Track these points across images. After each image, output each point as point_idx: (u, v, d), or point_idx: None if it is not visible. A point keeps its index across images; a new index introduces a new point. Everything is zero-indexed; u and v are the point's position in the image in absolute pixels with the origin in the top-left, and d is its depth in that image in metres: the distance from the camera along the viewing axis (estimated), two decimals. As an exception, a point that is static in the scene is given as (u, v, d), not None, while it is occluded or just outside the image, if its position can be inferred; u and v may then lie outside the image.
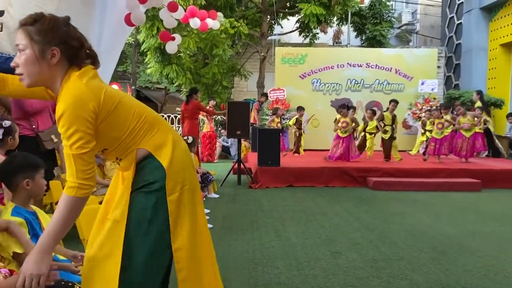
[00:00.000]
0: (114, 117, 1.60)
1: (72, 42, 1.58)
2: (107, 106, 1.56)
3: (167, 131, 1.75)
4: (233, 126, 7.46)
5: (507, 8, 12.30)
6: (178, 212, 1.68)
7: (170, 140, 1.71)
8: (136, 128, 1.65)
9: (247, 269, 3.21)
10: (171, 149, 1.69)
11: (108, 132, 1.61)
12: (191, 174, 1.77)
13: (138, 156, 1.67)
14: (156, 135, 1.70)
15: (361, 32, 15.98)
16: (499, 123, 12.27)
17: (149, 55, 12.16)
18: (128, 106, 1.65)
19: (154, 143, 1.68)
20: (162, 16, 7.68)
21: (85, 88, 1.53)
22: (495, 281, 3.03)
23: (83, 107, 1.50)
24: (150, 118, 1.70)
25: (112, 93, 1.61)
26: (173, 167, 1.67)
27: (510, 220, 4.99)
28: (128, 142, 1.66)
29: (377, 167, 7.71)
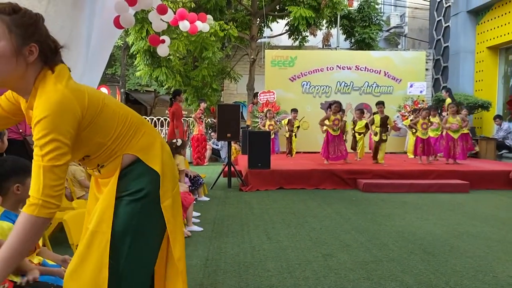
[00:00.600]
0: (99, 122, 1.48)
1: (49, 41, 1.45)
2: (91, 110, 1.44)
3: (154, 134, 1.66)
4: (223, 129, 7.45)
5: (493, 11, 12.48)
6: (173, 219, 1.62)
7: (158, 143, 1.64)
8: (122, 132, 1.55)
9: (237, 272, 3.19)
10: (160, 152, 1.62)
11: (93, 138, 1.49)
12: (175, 174, 1.72)
13: (124, 162, 1.56)
14: (143, 139, 1.60)
15: (350, 35, 16.08)
16: (486, 125, 12.44)
17: (138, 58, 12.11)
18: (112, 109, 1.54)
19: (142, 147, 1.59)
20: (151, 18, 7.66)
21: (67, 93, 1.38)
22: (484, 281, 3.05)
23: (66, 115, 1.35)
24: (135, 120, 1.60)
25: (95, 96, 1.48)
26: (164, 171, 1.61)
27: (497, 221, 5.05)
28: (113, 147, 1.54)
29: (367, 169, 7.75)
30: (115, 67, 21.24)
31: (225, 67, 13.90)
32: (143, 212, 1.56)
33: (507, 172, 7.62)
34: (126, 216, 1.54)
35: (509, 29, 11.69)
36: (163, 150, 1.65)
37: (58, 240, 3.51)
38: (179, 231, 1.66)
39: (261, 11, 12.91)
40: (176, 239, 1.64)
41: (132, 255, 1.55)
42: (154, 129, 1.71)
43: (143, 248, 1.57)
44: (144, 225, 1.56)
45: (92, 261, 1.51)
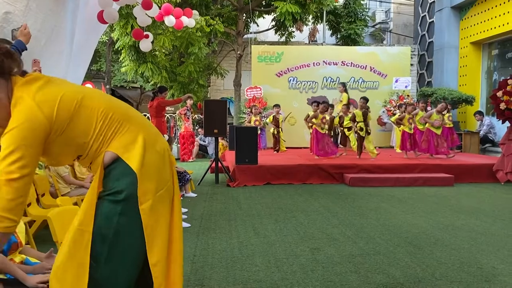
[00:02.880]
0: (75, 124, 1.47)
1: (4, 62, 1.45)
2: (61, 118, 1.44)
3: (138, 130, 1.58)
4: (210, 125, 7.42)
5: (476, 7, 12.63)
6: (153, 222, 1.55)
7: (140, 141, 1.56)
8: (102, 129, 1.52)
9: (225, 268, 3.19)
10: (141, 151, 1.54)
11: (74, 139, 1.49)
12: (165, 175, 1.63)
13: (106, 160, 1.53)
14: (125, 135, 1.55)
15: (336, 31, 16.13)
16: (470, 119, 12.61)
17: (124, 54, 11.97)
18: (91, 107, 1.51)
19: (122, 144, 1.53)
20: (136, 13, 7.57)
21: (34, 106, 1.39)
22: (469, 273, 3.10)
23: (31, 128, 1.37)
24: (118, 116, 1.55)
25: (69, 100, 1.46)
26: (144, 170, 1.53)
27: (481, 213, 5.13)
28: (96, 146, 1.52)
29: (353, 164, 7.80)
30: (100, 63, 20.97)
31: (211, 63, 13.82)
32: (123, 214, 1.52)
33: (491, 166, 7.74)
34: (105, 217, 1.51)
35: (492, 24, 11.85)
36: (147, 148, 1.57)
37: (42, 238, 3.46)
38: (160, 236, 1.57)
39: (247, 7, 12.85)
40: (154, 244, 1.55)
41: (112, 257, 1.52)
42: (142, 125, 1.63)
43: (124, 251, 1.53)
44: (124, 227, 1.52)
45: (76, 260, 1.50)
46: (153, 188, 1.54)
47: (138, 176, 1.50)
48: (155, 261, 1.55)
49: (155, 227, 1.55)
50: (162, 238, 1.58)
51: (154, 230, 1.54)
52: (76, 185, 4.64)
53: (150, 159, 1.56)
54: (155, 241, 1.55)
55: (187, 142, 11.38)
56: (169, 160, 1.67)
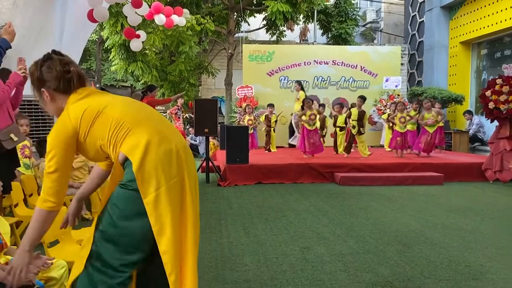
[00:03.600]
0: (95, 129, 1.78)
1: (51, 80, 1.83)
2: (84, 125, 1.78)
3: (144, 133, 1.76)
4: (200, 124, 7.39)
5: (466, 7, 12.73)
6: (158, 213, 1.70)
7: (143, 142, 1.73)
8: (113, 135, 1.77)
9: (215, 267, 3.18)
10: (143, 151, 1.71)
11: (95, 142, 1.80)
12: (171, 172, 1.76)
13: (120, 158, 1.78)
14: (131, 138, 1.75)
15: (327, 30, 16.16)
16: (459, 118, 12.71)
17: (114, 52, 11.89)
18: (108, 115, 1.78)
19: (129, 146, 1.74)
20: (126, 12, 7.53)
21: (67, 118, 1.79)
22: (457, 271, 3.12)
23: (63, 134, 1.77)
24: (129, 121, 1.78)
25: (92, 109, 1.79)
26: (144, 168, 1.70)
27: (470, 212, 5.17)
28: (112, 147, 1.79)
29: (344, 163, 7.82)
30: (90, 61, 20.83)
31: (202, 62, 13.78)
32: (130, 201, 1.74)
33: (480, 164, 7.81)
34: (115, 199, 1.78)
35: (481, 24, 11.95)
36: (150, 149, 1.73)
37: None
38: (168, 226, 1.71)
39: (238, 5, 12.83)
40: (162, 233, 1.71)
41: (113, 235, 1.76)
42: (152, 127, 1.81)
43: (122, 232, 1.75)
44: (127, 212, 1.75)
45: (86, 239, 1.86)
46: (154, 184, 1.70)
47: (135, 175, 1.70)
48: (164, 250, 1.71)
49: (161, 217, 1.71)
50: (171, 228, 1.71)
51: (159, 221, 1.70)
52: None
53: (151, 159, 1.72)
54: (163, 230, 1.71)
55: (177, 141, 11.33)
56: (176, 157, 1.79)
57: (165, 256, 1.71)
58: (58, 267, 2.16)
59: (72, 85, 1.84)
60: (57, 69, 1.81)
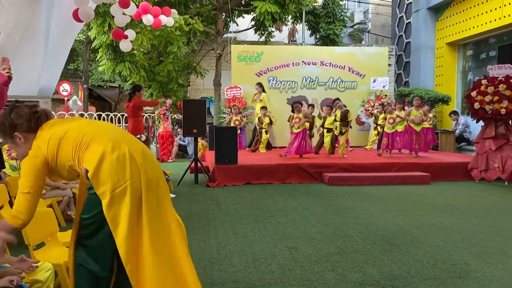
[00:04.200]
0: (61, 153, 2.02)
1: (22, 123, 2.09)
2: (51, 152, 2.01)
3: (100, 145, 1.98)
4: (189, 125, 7.36)
5: (452, 8, 12.88)
6: (113, 213, 1.92)
7: (99, 153, 1.95)
8: (76, 154, 2.01)
9: (203, 269, 3.17)
10: (98, 160, 1.93)
11: (65, 163, 2.03)
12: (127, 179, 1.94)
13: (84, 173, 2.00)
14: (89, 152, 1.98)
15: (315, 31, 16.22)
16: (446, 118, 12.86)
17: (101, 52, 11.78)
18: (69, 138, 2.02)
19: (88, 158, 1.97)
20: (113, 12, 7.46)
21: (37, 148, 2.03)
22: (443, 270, 3.16)
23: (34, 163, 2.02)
24: (87, 138, 2.02)
25: (55, 137, 2.03)
26: (98, 175, 1.92)
27: (457, 211, 5.24)
28: (77, 165, 2.02)
29: (332, 163, 7.87)
30: (77, 62, 20.62)
31: (191, 62, 13.72)
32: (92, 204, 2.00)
33: (466, 164, 7.91)
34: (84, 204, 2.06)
35: (466, 26, 12.10)
36: (104, 157, 1.94)
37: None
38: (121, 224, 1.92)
39: (227, 6, 12.82)
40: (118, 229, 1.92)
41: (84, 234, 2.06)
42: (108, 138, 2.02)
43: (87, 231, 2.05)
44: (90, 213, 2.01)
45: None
46: (108, 188, 1.91)
47: (91, 179, 1.94)
48: (119, 243, 1.91)
49: (117, 216, 1.92)
50: (126, 224, 1.92)
51: (114, 219, 1.92)
52: (51, 186, 4.55)
53: (105, 166, 1.93)
54: (118, 226, 1.92)
55: (166, 142, 11.29)
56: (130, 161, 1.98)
57: (121, 248, 1.91)
58: (44, 270, 2.15)
59: (40, 123, 2.10)
60: (25, 112, 2.08)
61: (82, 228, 2.06)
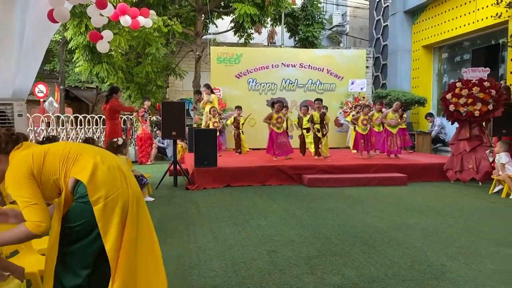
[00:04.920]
0: (46, 168, 2.04)
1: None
2: (37, 164, 2.03)
3: (89, 157, 2.08)
4: (168, 127, 7.31)
5: (428, 12, 13.14)
6: (105, 219, 2.00)
7: (90, 163, 2.05)
8: (63, 166, 2.06)
9: (181, 274, 3.15)
10: (91, 169, 2.02)
11: (50, 177, 2.05)
12: (118, 187, 2.06)
13: (70, 185, 2.06)
14: (79, 164, 2.06)
15: (294, 33, 16.32)
16: (422, 120, 13.09)
17: (78, 54, 11.59)
18: (55, 153, 2.08)
19: (77, 170, 2.04)
20: (90, 13, 7.34)
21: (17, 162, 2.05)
22: (419, 271, 3.21)
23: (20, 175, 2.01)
24: (74, 152, 2.09)
25: (39, 152, 2.07)
26: (93, 182, 2.00)
27: (433, 212, 5.33)
28: (63, 178, 2.06)
29: (311, 165, 7.92)
30: (53, 63, 20.22)
31: (170, 64, 13.62)
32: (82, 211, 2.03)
33: (442, 165, 8.07)
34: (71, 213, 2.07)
35: (441, 29, 12.36)
36: (97, 167, 2.05)
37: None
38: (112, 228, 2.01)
39: (206, 7, 12.78)
40: (108, 235, 2.00)
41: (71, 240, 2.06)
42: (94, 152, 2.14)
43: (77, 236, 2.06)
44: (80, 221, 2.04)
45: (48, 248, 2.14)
46: (103, 194, 2.00)
47: (87, 187, 2.00)
48: (110, 248, 2.00)
49: (107, 222, 2.00)
50: (116, 229, 2.01)
51: (106, 225, 2.00)
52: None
53: (99, 174, 2.04)
54: (109, 232, 2.00)
55: (145, 144, 11.16)
56: (118, 172, 2.12)
57: (110, 253, 2.00)
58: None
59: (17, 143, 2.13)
60: (2, 134, 2.11)
61: (65, 237, 2.06)
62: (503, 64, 10.59)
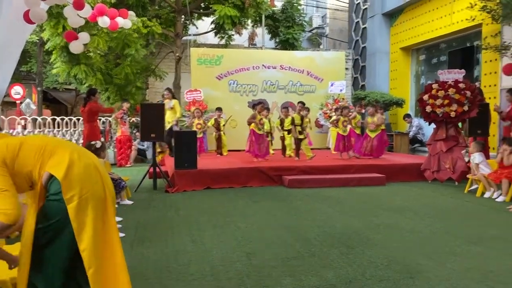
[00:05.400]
0: (20, 159, 2.02)
1: None
2: (11, 154, 2.00)
3: (66, 153, 2.06)
4: (147, 129, 7.24)
5: (405, 14, 13.35)
6: (79, 218, 1.97)
7: (66, 159, 2.02)
8: (38, 159, 2.03)
9: (159, 278, 3.12)
10: (67, 165, 2.00)
11: (22, 171, 2.02)
12: (94, 185, 2.05)
13: (44, 179, 2.02)
14: (54, 158, 2.03)
15: (275, 35, 16.35)
16: (400, 121, 13.29)
17: (55, 55, 11.37)
18: (31, 144, 2.06)
19: (53, 164, 2.02)
20: (66, 14, 7.24)
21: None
22: (396, 270, 3.26)
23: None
24: (50, 147, 2.07)
25: (14, 142, 2.06)
26: (68, 179, 1.98)
27: (410, 211, 5.42)
28: (37, 171, 2.03)
29: (292, 166, 7.96)
30: (30, 64, 19.82)
31: (149, 65, 13.49)
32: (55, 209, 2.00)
33: (419, 165, 8.20)
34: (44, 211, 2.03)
35: (419, 31, 12.57)
36: (73, 163, 2.03)
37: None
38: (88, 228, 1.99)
39: (186, 9, 12.71)
40: (82, 234, 1.98)
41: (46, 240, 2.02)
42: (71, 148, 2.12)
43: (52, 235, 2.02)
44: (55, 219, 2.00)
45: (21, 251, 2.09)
46: (77, 192, 1.98)
47: (62, 184, 1.97)
48: (84, 248, 1.97)
49: (83, 220, 1.98)
50: (92, 229, 1.99)
51: (80, 224, 1.97)
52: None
53: (75, 171, 2.01)
54: (83, 232, 1.98)
55: (124, 146, 11.04)
56: (94, 170, 2.11)
57: (84, 253, 1.97)
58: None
59: None
60: None
61: (38, 239, 2.01)
62: (477, 66, 10.83)
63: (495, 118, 8.66)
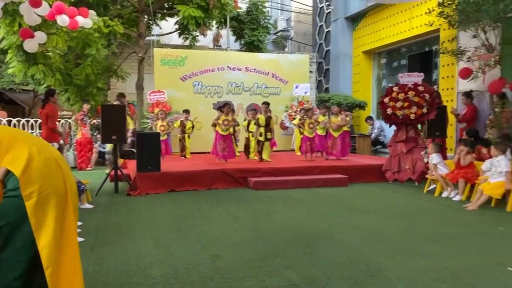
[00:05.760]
0: None
1: None
2: None
3: (24, 146, 1.95)
4: (108, 131, 7.05)
5: (367, 18, 13.67)
6: (38, 215, 1.89)
7: (25, 153, 1.92)
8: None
9: (119, 283, 3.04)
10: (26, 159, 1.90)
11: None
12: (54, 181, 1.97)
13: (1, 174, 1.92)
14: (12, 153, 1.92)
15: (240, 37, 16.36)
16: (363, 123, 13.58)
17: (11, 54, 10.91)
18: None
19: (10, 159, 1.91)
20: (23, 11, 6.99)
21: None
22: (357, 269, 3.31)
23: None
24: (7, 139, 1.95)
25: None
26: (27, 175, 1.88)
27: (371, 212, 5.53)
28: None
29: (256, 168, 7.96)
30: (-16, 63, 18.95)
31: (111, 65, 13.18)
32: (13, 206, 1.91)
33: (381, 166, 8.40)
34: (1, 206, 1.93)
35: (380, 35, 12.90)
36: (33, 157, 1.93)
37: None
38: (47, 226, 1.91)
39: (149, 9, 12.51)
40: (41, 232, 1.89)
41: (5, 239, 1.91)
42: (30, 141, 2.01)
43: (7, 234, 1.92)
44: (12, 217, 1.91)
45: None
46: (36, 189, 1.89)
47: (20, 180, 1.87)
48: (42, 246, 1.88)
49: (42, 218, 1.90)
50: (52, 227, 1.91)
51: (39, 221, 1.89)
52: None
53: (34, 166, 1.91)
54: (42, 229, 1.90)
55: (84, 149, 10.73)
56: (55, 165, 2.02)
57: (43, 251, 1.89)
58: None
59: None
60: None
61: None
62: (436, 70, 11.21)
63: (452, 120, 8.97)
